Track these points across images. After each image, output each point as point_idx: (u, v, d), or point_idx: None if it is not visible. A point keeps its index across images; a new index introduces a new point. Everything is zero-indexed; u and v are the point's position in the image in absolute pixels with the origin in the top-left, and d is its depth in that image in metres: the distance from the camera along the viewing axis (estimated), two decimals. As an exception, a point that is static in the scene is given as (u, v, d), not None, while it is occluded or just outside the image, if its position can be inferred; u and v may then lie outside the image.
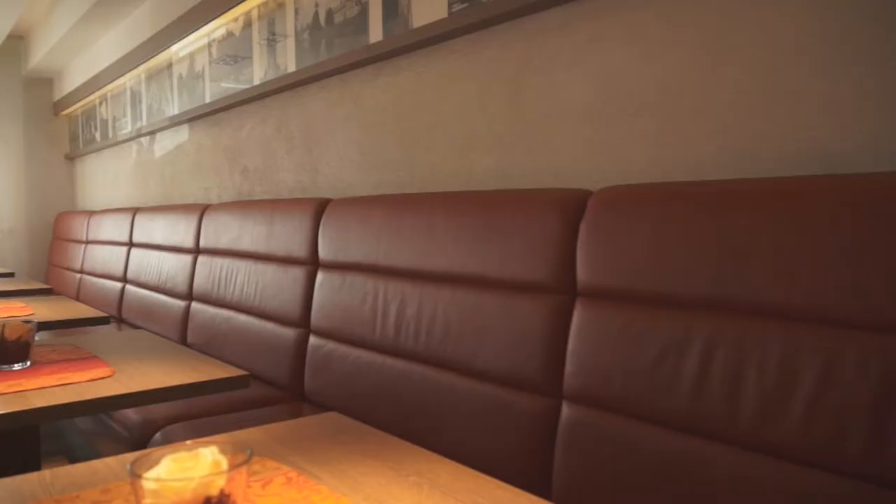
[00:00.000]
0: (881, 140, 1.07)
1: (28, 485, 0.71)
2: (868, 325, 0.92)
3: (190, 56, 3.26)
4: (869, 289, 0.91)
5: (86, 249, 4.40)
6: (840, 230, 0.96)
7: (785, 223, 1.03)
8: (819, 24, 1.12)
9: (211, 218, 2.79)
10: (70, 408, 1.04)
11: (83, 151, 5.09)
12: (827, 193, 1.03)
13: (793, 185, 1.09)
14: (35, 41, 4.95)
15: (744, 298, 1.06)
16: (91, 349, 1.44)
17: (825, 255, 0.96)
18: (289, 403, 2.04)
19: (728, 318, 1.08)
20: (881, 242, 0.92)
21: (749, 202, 1.10)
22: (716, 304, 1.10)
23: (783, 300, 1.01)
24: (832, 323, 0.95)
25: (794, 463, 0.96)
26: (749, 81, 1.22)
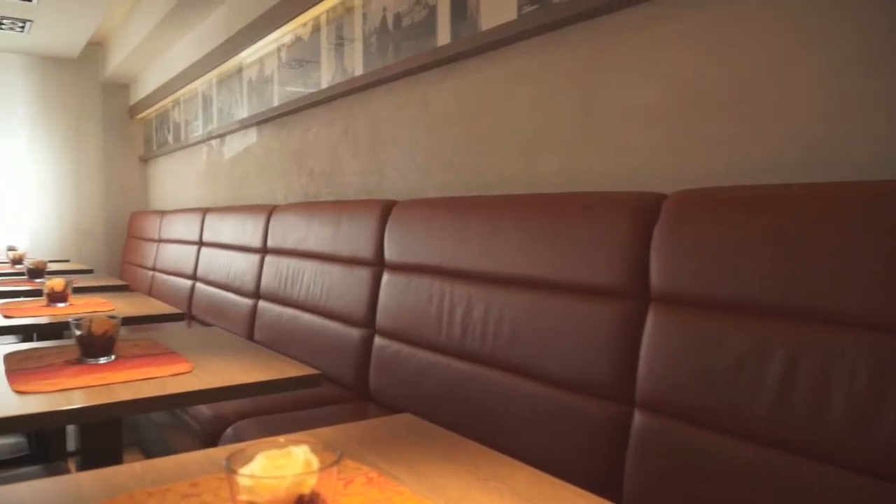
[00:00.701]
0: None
1: (120, 476, 0.74)
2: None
3: (260, 61, 3.35)
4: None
5: (158, 248, 4.57)
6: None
7: (869, 229, 0.99)
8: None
9: (278, 218, 2.85)
10: (154, 401, 1.08)
11: (156, 153, 5.29)
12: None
13: (878, 188, 1.04)
14: (112, 48, 5.17)
15: (828, 307, 1.01)
16: (169, 345, 1.49)
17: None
18: (353, 402, 2.07)
19: (812, 326, 1.04)
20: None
21: (831, 207, 1.06)
22: (798, 312, 1.06)
23: (870, 308, 0.96)
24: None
25: (888, 480, 0.91)
26: (831, 82, 1.17)
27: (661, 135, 1.47)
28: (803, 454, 1.01)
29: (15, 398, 1.05)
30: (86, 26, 4.50)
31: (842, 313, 1.00)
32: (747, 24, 1.31)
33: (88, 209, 5.53)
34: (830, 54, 1.18)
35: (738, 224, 1.17)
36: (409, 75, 2.25)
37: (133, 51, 4.62)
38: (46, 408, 1.01)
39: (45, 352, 1.39)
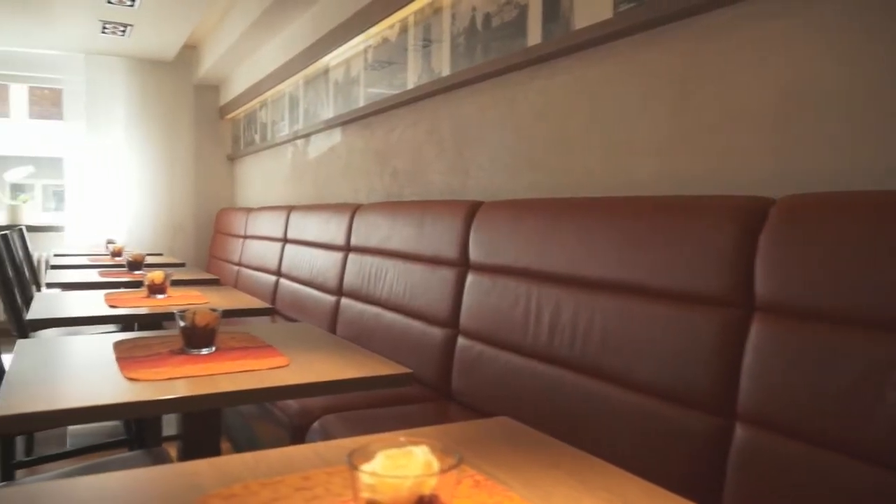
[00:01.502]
0: None
1: (233, 466, 0.76)
2: None
3: (346, 62, 3.41)
4: None
5: (244, 244, 4.73)
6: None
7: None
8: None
9: (362, 217, 2.90)
10: (255, 393, 1.11)
11: (243, 152, 5.48)
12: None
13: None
14: (205, 51, 5.39)
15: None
16: (264, 339, 1.53)
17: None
18: (436, 402, 2.07)
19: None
20: None
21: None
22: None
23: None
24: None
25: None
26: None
27: (764, 137, 1.41)
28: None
29: (127, 385, 1.10)
30: (181, 30, 4.71)
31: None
32: (858, 20, 1.23)
33: (180, 205, 5.79)
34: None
35: (855, 231, 1.10)
36: (496, 76, 2.24)
37: (224, 54, 4.80)
38: (156, 395, 1.05)
39: (150, 341, 1.45)
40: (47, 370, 1.23)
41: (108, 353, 1.35)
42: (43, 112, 13.48)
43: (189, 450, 1.29)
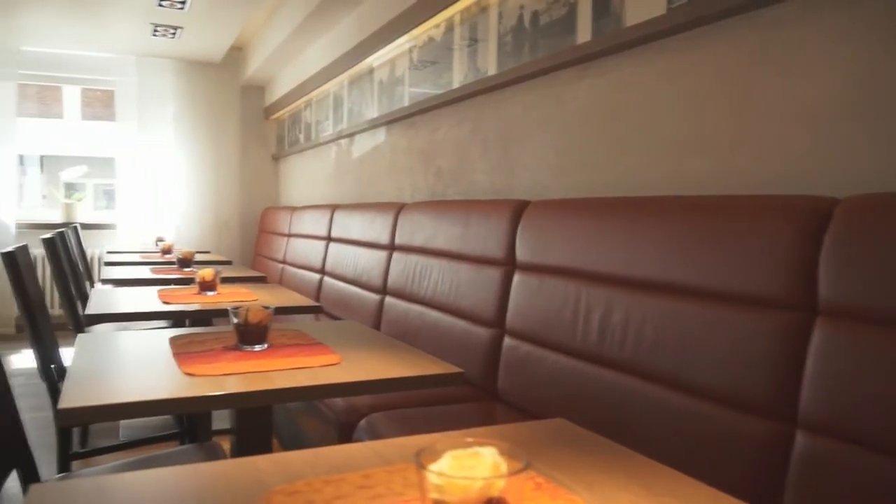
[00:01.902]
0: None
1: (294, 462, 0.76)
2: None
3: (391, 62, 3.43)
4: None
5: (288, 242, 4.80)
6: None
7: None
8: None
9: (406, 216, 2.91)
10: (309, 391, 1.12)
11: (288, 152, 5.55)
12: None
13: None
14: (251, 53, 5.48)
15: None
16: (314, 336, 1.54)
17: None
18: (482, 402, 2.07)
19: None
20: None
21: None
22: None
23: None
24: None
25: None
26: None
27: (829, 135, 1.36)
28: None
29: (185, 380, 1.12)
30: (229, 32, 4.80)
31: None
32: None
33: (225, 204, 5.90)
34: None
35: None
36: (544, 74, 2.22)
37: (270, 55, 4.87)
38: (212, 391, 1.07)
39: (205, 337, 1.48)
40: (108, 364, 1.26)
41: (164, 348, 1.38)
42: (95, 113, 13.88)
43: (242, 445, 1.31)
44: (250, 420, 1.31)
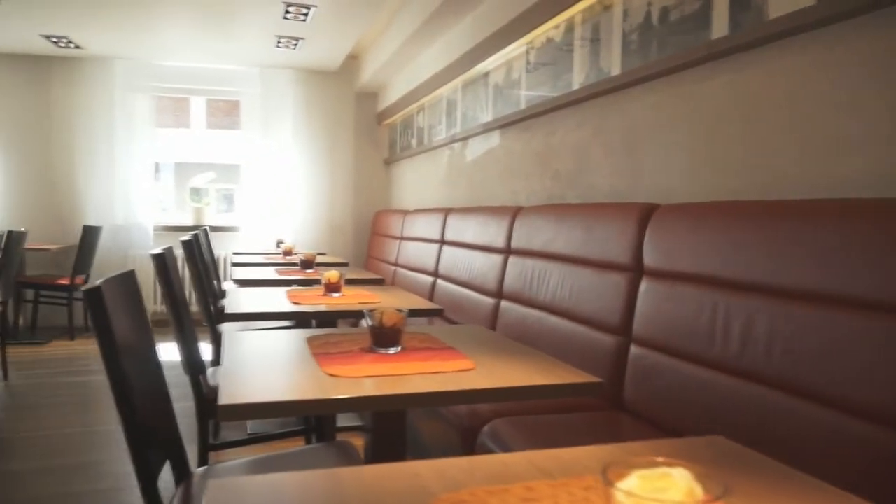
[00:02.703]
0: None
1: (451, 470, 0.76)
2: None
3: (507, 64, 3.42)
4: None
5: (400, 245, 4.89)
6: None
7: None
8: None
9: (523, 220, 2.88)
10: (449, 396, 1.12)
11: (400, 156, 5.66)
12: None
13: None
14: (366, 60, 5.64)
15: None
16: (441, 340, 1.55)
17: None
18: (607, 412, 2.01)
19: None
20: None
21: None
22: None
23: None
24: None
25: None
26: None
27: None
28: None
29: (328, 380, 1.15)
30: (347, 41, 4.95)
31: None
32: None
33: (340, 207, 6.09)
34: None
35: None
36: (673, 72, 2.13)
37: (385, 62, 4.99)
38: (356, 392, 1.09)
39: (340, 338, 1.52)
40: (255, 362, 1.32)
41: (301, 348, 1.42)
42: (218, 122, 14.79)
43: (378, 447, 1.33)
44: (387, 422, 1.33)
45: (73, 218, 5.61)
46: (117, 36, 4.87)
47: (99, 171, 5.61)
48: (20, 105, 5.50)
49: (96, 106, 5.57)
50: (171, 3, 4.11)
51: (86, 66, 5.54)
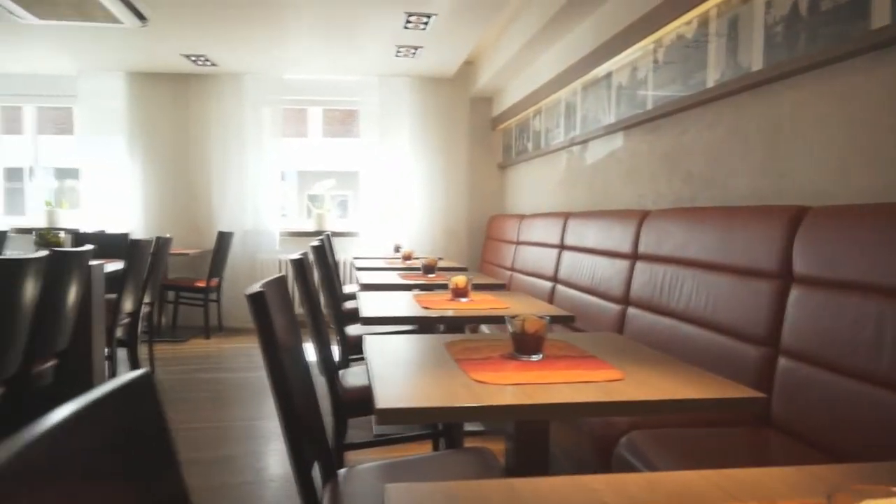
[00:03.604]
0: None
1: (629, 486, 0.74)
2: None
3: (631, 64, 3.32)
4: None
5: (516, 249, 4.87)
6: None
7: None
8: None
9: (652, 224, 2.78)
10: (605, 407, 1.09)
11: (515, 161, 5.64)
12: None
13: None
14: (482, 66, 5.66)
15: None
16: (580, 347, 1.52)
17: None
18: (752, 427, 1.89)
19: None
20: None
21: None
22: None
23: None
24: None
25: None
26: None
27: None
28: None
29: (478, 387, 1.15)
30: (464, 48, 5.00)
31: None
32: None
33: (454, 212, 6.15)
34: None
35: None
36: (824, 66, 1.99)
37: (501, 67, 4.99)
38: (509, 400, 1.08)
39: (478, 344, 1.52)
40: (401, 366, 1.34)
41: (442, 353, 1.43)
42: (333, 131, 15.38)
43: (521, 456, 1.32)
44: (531, 431, 1.31)
45: (208, 224, 6.00)
46: (249, 52, 5.16)
47: (231, 180, 5.97)
48: (163, 121, 5.95)
49: (228, 119, 5.93)
50: (300, 18, 4.30)
51: (219, 82, 5.91)
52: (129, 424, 0.43)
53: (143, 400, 0.45)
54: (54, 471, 0.35)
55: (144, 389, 0.45)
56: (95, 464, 0.39)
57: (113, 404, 0.41)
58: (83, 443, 0.37)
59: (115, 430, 0.41)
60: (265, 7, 4.07)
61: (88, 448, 0.38)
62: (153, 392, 0.46)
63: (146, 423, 0.45)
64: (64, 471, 0.36)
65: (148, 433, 0.45)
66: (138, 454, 0.44)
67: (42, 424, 0.36)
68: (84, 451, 0.38)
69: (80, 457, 0.37)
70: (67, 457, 0.36)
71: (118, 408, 0.42)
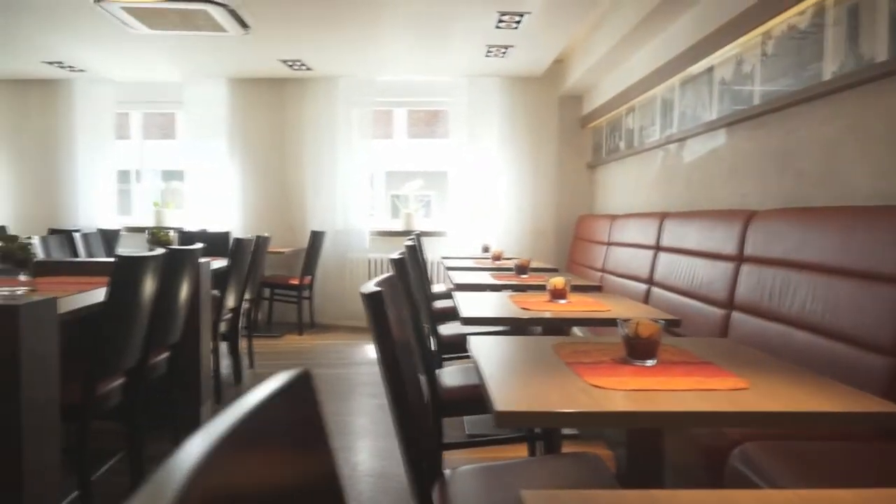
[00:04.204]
0: None
1: (782, 502, 0.69)
2: None
3: (735, 58, 3.18)
4: None
5: (607, 250, 4.76)
6: None
7: None
8: None
9: (760, 225, 2.65)
10: (734, 417, 1.04)
11: (605, 160, 5.53)
12: None
13: None
14: (572, 64, 5.58)
15: None
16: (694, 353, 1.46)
17: None
18: (880, 441, 1.77)
19: None
20: None
21: None
22: None
23: None
24: None
25: None
26: None
27: None
28: None
29: (598, 393, 1.12)
30: (555, 46, 4.94)
31: None
32: None
33: (542, 212, 6.09)
34: None
35: None
36: (964, 54, 1.83)
37: (593, 65, 4.90)
38: (630, 407, 1.05)
39: (587, 347, 1.49)
40: (513, 368, 1.33)
41: (550, 355, 1.41)
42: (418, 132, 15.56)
43: (636, 465, 1.28)
44: (646, 439, 1.27)
45: (302, 224, 6.19)
46: (343, 55, 5.29)
47: (323, 181, 6.13)
48: (260, 124, 6.18)
49: (321, 122, 6.10)
50: (396, 18, 4.36)
51: (314, 85, 6.09)
52: (297, 409, 0.52)
53: (306, 390, 0.54)
54: (257, 438, 0.45)
55: (307, 382, 0.54)
56: (279, 436, 0.49)
57: (288, 392, 0.50)
58: (271, 419, 0.47)
59: (290, 412, 0.51)
60: (362, 9, 4.15)
61: (275, 424, 0.48)
62: (312, 385, 0.54)
63: (309, 409, 0.54)
64: (262, 439, 0.46)
65: (309, 417, 0.54)
66: (304, 433, 0.53)
67: (247, 402, 0.44)
68: (272, 425, 0.47)
69: (270, 429, 0.47)
70: (264, 428, 0.46)
71: (290, 395, 0.51)
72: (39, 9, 4.12)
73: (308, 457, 0.53)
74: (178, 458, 0.34)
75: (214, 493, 0.36)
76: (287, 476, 0.49)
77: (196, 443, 0.36)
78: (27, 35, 4.74)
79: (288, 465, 0.49)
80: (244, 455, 0.41)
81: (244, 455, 0.41)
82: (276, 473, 0.47)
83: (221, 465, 0.37)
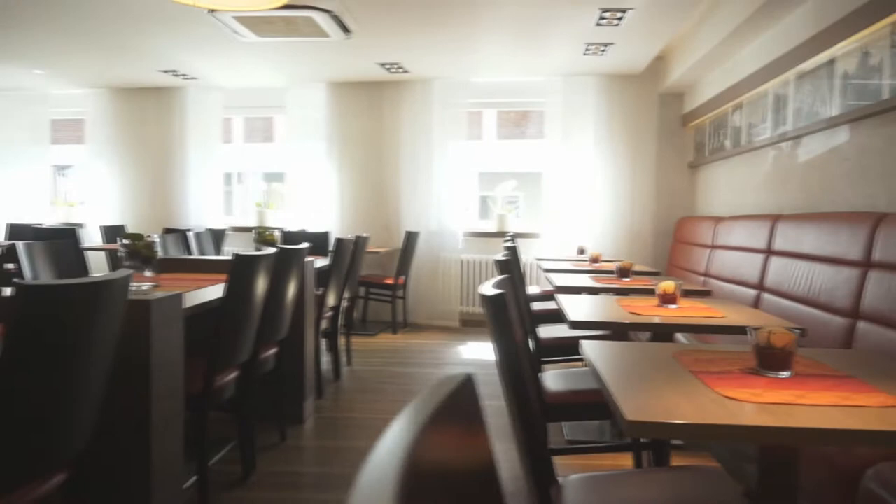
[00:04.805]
0: None
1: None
2: None
3: (860, 49, 2.97)
4: None
5: (711, 254, 4.56)
6: None
7: None
8: None
9: (891, 229, 2.46)
10: (887, 436, 0.96)
11: (708, 159, 5.30)
12: None
13: None
14: (674, 61, 5.39)
15: None
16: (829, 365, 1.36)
17: None
18: None
19: None
20: None
21: None
22: None
23: None
24: None
25: None
26: None
27: None
28: None
29: (732, 404, 1.06)
30: (657, 43, 4.78)
31: None
32: None
33: (640, 213, 5.92)
34: None
35: None
36: None
37: (697, 61, 4.71)
38: (768, 421, 0.99)
39: (711, 356, 1.42)
40: (631, 375, 1.28)
41: (670, 363, 1.35)
42: (507, 133, 15.50)
43: (769, 484, 1.21)
44: (779, 456, 1.20)
45: (397, 224, 6.28)
46: (439, 58, 5.33)
47: (418, 182, 6.20)
48: (358, 127, 6.32)
49: (416, 124, 6.17)
50: (495, 19, 4.35)
51: (410, 87, 6.17)
52: (466, 403, 0.61)
53: (471, 389, 0.62)
54: (452, 417, 0.56)
55: (471, 384, 0.62)
56: (456, 424, 0.58)
57: (461, 390, 0.59)
58: (451, 410, 0.56)
59: (461, 405, 0.59)
60: (462, 11, 4.16)
61: (454, 414, 0.57)
62: (475, 385, 0.63)
63: (473, 404, 0.62)
64: (452, 420, 0.57)
65: (474, 410, 0.62)
66: (471, 422, 0.61)
67: (440, 391, 0.55)
68: (452, 416, 0.56)
69: (451, 419, 0.56)
70: (446, 418, 0.54)
71: (462, 392, 0.59)
72: (159, 19, 4.38)
73: (474, 443, 0.61)
74: (392, 434, 0.46)
75: (421, 465, 0.45)
76: (462, 457, 0.57)
77: (400, 425, 0.47)
78: (147, 45, 5.05)
79: (462, 448, 0.58)
80: (436, 436, 0.50)
81: (436, 436, 0.50)
82: (454, 455, 0.55)
83: (425, 442, 0.46)
